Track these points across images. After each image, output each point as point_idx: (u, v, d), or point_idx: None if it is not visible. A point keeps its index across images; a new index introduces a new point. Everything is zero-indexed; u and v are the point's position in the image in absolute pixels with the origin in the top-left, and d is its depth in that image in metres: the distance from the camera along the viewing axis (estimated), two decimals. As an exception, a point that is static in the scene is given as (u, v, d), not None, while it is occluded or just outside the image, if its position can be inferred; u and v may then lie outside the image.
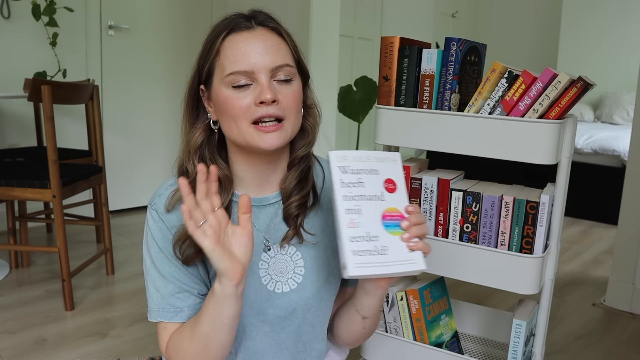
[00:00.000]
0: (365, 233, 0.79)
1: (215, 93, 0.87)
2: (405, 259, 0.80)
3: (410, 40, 1.22)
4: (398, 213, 0.82)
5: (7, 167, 2.16)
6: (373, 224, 0.80)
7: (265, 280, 0.92)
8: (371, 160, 0.83)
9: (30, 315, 1.98)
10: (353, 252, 0.78)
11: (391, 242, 0.80)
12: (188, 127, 0.92)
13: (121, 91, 3.23)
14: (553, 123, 1.08)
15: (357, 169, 0.82)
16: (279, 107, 0.84)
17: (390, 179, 0.84)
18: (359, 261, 0.78)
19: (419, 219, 0.83)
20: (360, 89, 3.48)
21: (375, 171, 0.83)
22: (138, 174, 3.34)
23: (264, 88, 0.83)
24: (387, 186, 0.83)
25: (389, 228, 0.81)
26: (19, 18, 2.80)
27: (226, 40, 0.85)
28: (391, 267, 0.79)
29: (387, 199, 0.83)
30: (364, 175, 0.82)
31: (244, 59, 0.83)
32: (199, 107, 0.91)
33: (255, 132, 0.84)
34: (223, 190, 0.90)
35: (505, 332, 1.44)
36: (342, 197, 0.80)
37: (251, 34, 0.85)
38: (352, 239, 0.78)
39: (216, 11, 3.53)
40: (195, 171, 0.89)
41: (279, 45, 0.86)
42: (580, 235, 3.29)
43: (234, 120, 0.85)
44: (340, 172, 0.81)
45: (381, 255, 0.79)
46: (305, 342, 0.97)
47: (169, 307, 0.90)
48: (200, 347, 0.84)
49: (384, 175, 0.83)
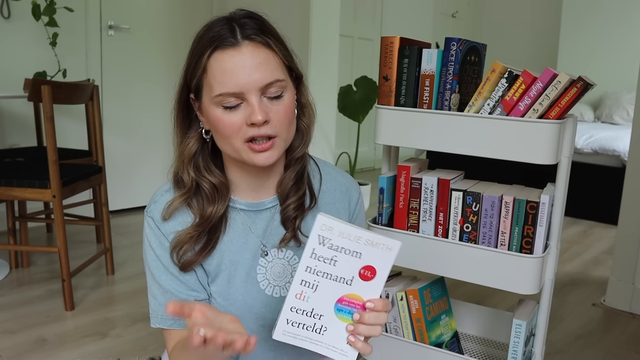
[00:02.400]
0: (310, 309, 0.77)
1: (205, 109, 0.85)
2: (338, 347, 0.78)
3: (410, 40, 1.22)
4: (359, 301, 0.77)
5: (7, 167, 2.16)
6: (324, 303, 0.77)
7: (264, 285, 0.92)
8: (360, 241, 0.74)
9: (30, 315, 1.97)
10: (287, 320, 0.77)
11: (333, 326, 0.77)
12: (181, 136, 0.90)
13: (121, 91, 3.23)
14: (553, 123, 1.08)
15: (337, 245, 0.75)
16: (271, 126, 0.82)
17: (372, 266, 0.76)
18: (289, 330, 0.77)
19: (376, 319, 0.77)
20: (360, 89, 3.48)
21: (357, 254, 0.75)
22: (138, 174, 3.34)
23: (254, 110, 0.80)
24: (363, 272, 0.76)
25: (340, 312, 0.77)
26: (19, 18, 2.80)
27: (212, 58, 0.81)
28: (318, 347, 0.78)
29: (356, 285, 0.76)
30: (341, 254, 0.75)
31: (232, 80, 0.79)
32: (190, 115, 0.89)
33: (249, 150, 0.83)
34: (220, 198, 0.89)
35: (505, 332, 1.44)
36: (305, 267, 0.75)
37: (237, 52, 0.80)
38: (293, 308, 0.76)
39: (216, 11, 3.53)
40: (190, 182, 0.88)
41: (267, 61, 0.81)
42: (580, 235, 3.29)
43: (227, 138, 0.83)
44: (317, 242, 0.74)
45: (315, 334, 0.77)
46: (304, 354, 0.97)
47: (167, 315, 0.90)
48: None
49: (365, 260, 0.75)
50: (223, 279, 0.91)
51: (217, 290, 0.92)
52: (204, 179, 0.88)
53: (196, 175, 0.88)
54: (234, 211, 0.92)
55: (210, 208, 0.88)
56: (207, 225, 0.88)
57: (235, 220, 0.92)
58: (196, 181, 0.88)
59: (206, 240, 0.89)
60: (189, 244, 0.88)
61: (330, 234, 0.74)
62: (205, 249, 0.89)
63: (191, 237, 0.88)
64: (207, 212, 0.88)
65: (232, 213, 0.92)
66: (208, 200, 0.89)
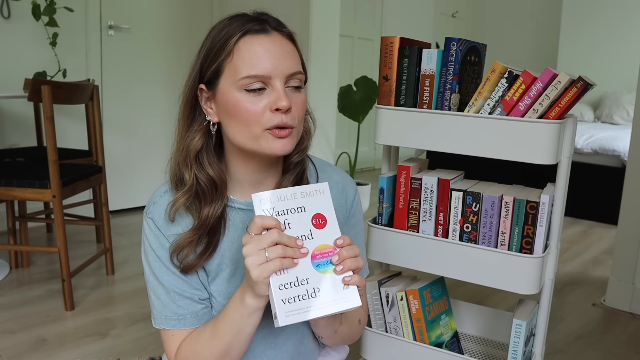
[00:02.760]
0: (294, 278, 0.77)
1: (222, 95, 0.84)
2: (339, 297, 0.78)
3: (410, 40, 1.22)
4: (329, 249, 0.80)
5: (7, 167, 2.16)
6: (302, 266, 0.78)
7: None
8: (297, 197, 0.80)
9: (30, 315, 1.97)
10: (282, 300, 0.76)
11: (323, 282, 0.78)
12: (185, 129, 0.89)
13: (121, 91, 3.23)
14: (553, 123, 1.08)
15: (282, 209, 0.79)
16: (291, 116, 0.83)
17: (319, 213, 0.80)
18: (289, 309, 0.76)
19: (351, 252, 0.79)
20: (360, 89, 3.48)
21: (302, 208, 0.80)
22: (138, 174, 3.34)
23: (281, 95, 0.81)
24: (315, 222, 0.80)
25: (320, 267, 0.79)
26: (19, 18, 2.80)
27: (241, 41, 0.82)
28: (324, 309, 0.78)
29: (316, 236, 0.79)
30: (289, 215, 0.79)
31: (261, 63, 0.81)
32: (196, 108, 0.89)
33: (269, 136, 0.83)
34: (217, 196, 0.89)
35: (505, 332, 1.44)
36: None
37: (269, 38, 0.83)
38: (280, 286, 0.76)
39: (216, 11, 3.53)
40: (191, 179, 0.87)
41: (293, 52, 0.85)
42: (580, 235, 3.29)
43: (246, 125, 0.83)
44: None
45: (312, 299, 0.77)
46: (305, 344, 0.97)
47: (172, 315, 0.90)
48: (221, 357, 0.85)
49: (311, 210, 0.80)
50: (224, 278, 0.91)
51: (218, 289, 0.92)
52: (204, 173, 0.88)
53: (197, 171, 0.87)
54: (233, 211, 0.92)
55: (207, 209, 0.87)
56: (205, 228, 0.88)
57: (234, 220, 0.92)
58: (196, 178, 0.88)
59: (207, 243, 0.89)
60: (189, 248, 0.88)
61: (268, 203, 0.78)
62: (206, 252, 0.89)
63: (191, 241, 0.87)
64: (204, 213, 0.87)
65: (231, 213, 0.92)
66: (205, 200, 0.88)
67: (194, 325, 0.90)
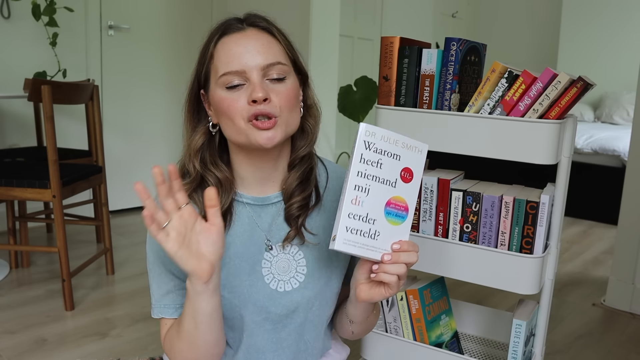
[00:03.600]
0: (365, 213, 0.80)
1: (212, 96, 0.88)
2: (389, 250, 0.82)
3: (410, 40, 1.22)
4: (403, 204, 0.83)
5: (7, 167, 2.16)
6: (376, 207, 0.81)
7: (268, 279, 0.93)
8: (398, 144, 0.83)
9: (30, 315, 1.97)
10: (347, 227, 0.79)
11: (385, 230, 0.81)
12: (190, 131, 0.93)
13: (121, 91, 3.23)
14: (553, 123, 1.08)
15: (381, 149, 0.81)
16: (271, 106, 0.85)
17: (409, 168, 0.83)
18: (349, 238, 0.79)
19: (407, 258, 0.81)
20: (360, 89, 3.48)
21: (397, 156, 0.82)
22: (138, 174, 3.34)
23: (255, 87, 0.84)
24: (403, 174, 0.83)
25: (389, 216, 0.82)
26: (19, 18, 2.80)
27: (219, 43, 0.87)
28: (374, 253, 0.81)
29: (399, 187, 0.83)
30: (385, 157, 0.82)
31: (236, 60, 0.84)
32: (200, 111, 0.93)
33: (253, 128, 0.85)
34: (223, 192, 0.91)
35: (505, 332, 1.44)
36: (357, 172, 0.80)
37: (242, 35, 0.86)
38: (350, 215, 0.79)
39: (216, 11, 3.53)
40: (195, 172, 0.90)
41: (269, 44, 0.87)
42: (580, 235, 3.29)
43: (231, 120, 0.86)
44: (363, 147, 0.80)
45: (371, 239, 0.80)
46: (307, 342, 0.98)
47: (170, 303, 0.92)
48: (186, 345, 0.86)
49: (404, 162, 0.83)
50: (227, 272, 0.92)
51: (221, 282, 0.92)
52: (210, 173, 0.91)
53: (202, 169, 0.90)
54: (240, 205, 0.94)
55: None
56: None
57: (241, 214, 0.93)
58: (201, 174, 0.91)
59: None
60: None
61: (374, 138, 0.81)
62: None
63: None
64: None
65: (237, 207, 0.93)
66: None
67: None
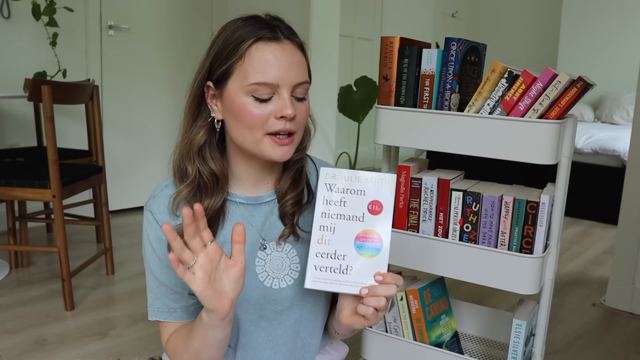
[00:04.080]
0: (333, 250, 0.83)
1: (230, 96, 0.86)
2: (367, 283, 0.83)
3: (410, 40, 1.22)
4: (376, 235, 0.84)
5: (7, 167, 2.16)
6: (344, 243, 0.83)
7: (262, 277, 0.93)
8: (361, 180, 0.85)
9: (30, 315, 1.97)
10: (315, 266, 0.82)
11: (358, 264, 0.83)
12: (190, 124, 0.91)
13: (121, 91, 3.23)
14: (553, 123, 1.08)
15: (343, 188, 0.85)
16: (294, 123, 0.86)
17: (377, 200, 0.85)
18: (318, 276, 0.82)
19: (384, 291, 0.81)
20: (360, 89, 3.48)
21: (361, 192, 0.85)
22: (138, 174, 3.34)
23: (287, 104, 0.84)
24: (371, 207, 0.85)
25: (361, 249, 0.84)
26: (19, 18, 2.80)
27: (253, 47, 0.84)
28: (349, 287, 0.83)
29: (368, 220, 0.84)
30: (348, 195, 0.85)
31: (271, 71, 0.83)
32: (202, 103, 0.91)
33: (271, 143, 0.85)
34: (218, 190, 0.91)
35: (505, 332, 1.44)
36: (320, 213, 0.84)
37: (280, 47, 0.85)
38: (318, 254, 0.82)
39: (216, 11, 3.53)
40: (194, 173, 0.90)
41: (302, 62, 0.88)
42: (580, 235, 3.29)
43: (249, 129, 0.85)
44: (325, 189, 0.85)
45: (343, 275, 0.83)
46: (303, 338, 0.98)
47: (164, 307, 0.93)
48: (192, 358, 0.87)
49: (370, 196, 0.85)
50: None
51: None
52: (206, 167, 0.90)
53: (200, 165, 0.90)
54: (233, 204, 0.94)
55: (207, 200, 0.89)
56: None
57: (234, 214, 0.94)
58: (199, 171, 0.90)
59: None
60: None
61: (334, 179, 0.85)
62: None
63: None
64: (204, 205, 0.89)
65: (231, 207, 0.94)
66: (207, 192, 0.90)
67: (184, 319, 0.93)
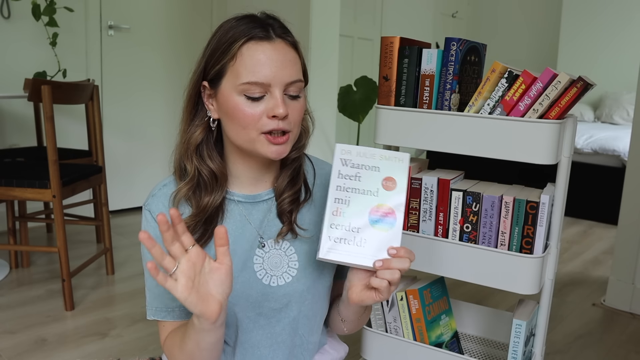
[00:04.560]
0: (347, 223, 0.84)
1: (223, 96, 0.87)
2: (380, 256, 0.83)
3: (410, 40, 1.22)
4: (390, 210, 0.85)
5: (7, 167, 2.16)
6: (358, 216, 0.84)
7: (260, 274, 0.94)
8: (375, 157, 0.86)
9: (30, 315, 1.97)
10: (329, 237, 0.83)
11: (371, 237, 0.84)
12: (187, 123, 0.92)
13: (121, 91, 3.23)
14: (553, 123, 1.08)
15: (358, 163, 0.86)
16: (287, 122, 0.86)
17: (391, 177, 0.86)
18: (332, 246, 0.83)
19: (398, 264, 0.81)
20: (360, 89, 3.48)
21: (376, 168, 0.86)
22: (138, 174, 3.34)
23: (278, 103, 0.84)
24: (385, 183, 0.86)
25: (375, 224, 0.84)
26: (19, 18, 2.80)
27: (245, 47, 0.84)
28: (363, 259, 0.83)
29: (382, 195, 0.85)
30: (363, 170, 0.86)
31: (262, 70, 0.83)
32: (198, 103, 0.92)
33: (265, 141, 0.86)
34: (217, 187, 0.91)
35: (505, 332, 1.44)
36: (335, 187, 0.85)
37: (271, 46, 0.85)
38: (332, 225, 0.83)
39: (216, 11, 3.53)
40: (193, 171, 0.90)
41: (295, 60, 0.87)
42: (580, 235, 3.29)
43: (243, 128, 0.85)
44: (340, 164, 0.86)
45: (357, 247, 0.83)
46: (301, 336, 0.99)
47: (162, 306, 0.93)
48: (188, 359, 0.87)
49: (385, 172, 0.86)
50: None
51: None
52: (205, 166, 0.91)
53: (198, 163, 0.91)
54: (232, 203, 0.94)
55: (207, 198, 0.90)
56: (203, 215, 0.90)
57: (232, 212, 0.94)
58: (197, 169, 0.91)
59: (202, 230, 0.91)
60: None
61: (350, 155, 0.86)
62: (201, 239, 0.91)
63: (188, 226, 0.89)
64: (204, 202, 0.90)
65: (229, 205, 0.94)
66: (206, 190, 0.91)
67: (182, 318, 0.93)
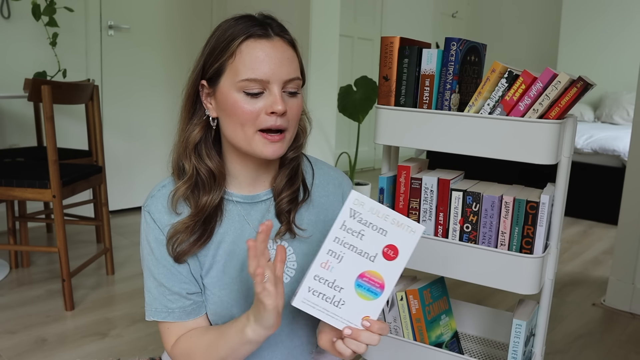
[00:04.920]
0: (332, 279, 0.79)
1: (222, 94, 0.87)
2: (353, 323, 0.80)
3: (410, 40, 1.22)
4: (379, 280, 0.80)
5: (7, 167, 2.16)
6: (346, 276, 0.79)
7: None
8: (388, 219, 0.79)
9: (30, 315, 1.97)
10: (309, 288, 0.79)
11: (351, 301, 0.79)
12: (186, 122, 0.92)
13: (121, 91, 3.23)
14: (553, 123, 1.08)
15: (366, 220, 0.79)
16: (285, 120, 0.86)
17: (394, 245, 0.80)
18: (308, 298, 0.79)
19: (367, 339, 0.79)
20: (360, 89, 3.48)
21: (383, 231, 0.80)
22: (138, 174, 3.34)
23: (277, 99, 0.84)
24: (386, 251, 0.80)
25: (360, 288, 0.80)
26: (19, 18, 2.80)
27: (244, 44, 0.85)
28: (334, 320, 0.79)
29: (378, 262, 0.80)
30: (369, 229, 0.79)
31: (261, 68, 0.84)
32: (197, 102, 0.92)
33: (262, 140, 0.86)
34: (215, 186, 0.91)
35: (505, 332, 1.44)
36: (334, 237, 0.79)
37: (270, 44, 0.86)
38: (316, 277, 0.79)
39: (216, 11, 3.53)
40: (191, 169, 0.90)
41: (293, 58, 0.88)
42: (580, 235, 3.29)
43: (241, 125, 0.86)
44: (348, 214, 0.79)
45: (333, 306, 0.79)
46: (300, 337, 0.99)
47: (162, 308, 0.92)
48: None
49: (390, 239, 0.80)
50: (218, 270, 0.93)
51: (212, 281, 0.93)
52: (203, 165, 0.91)
53: (197, 162, 0.91)
54: (230, 203, 0.94)
55: (205, 197, 0.90)
56: (202, 215, 0.90)
57: (231, 212, 0.94)
58: (196, 169, 0.91)
59: (201, 231, 0.91)
60: (184, 234, 0.90)
61: (361, 208, 0.79)
62: (200, 239, 0.91)
63: (187, 226, 0.90)
64: (202, 201, 0.90)
65: (228, 205, 0.94)
66: (204, 189, 0.91)
67: (182, 319, 0.92)
